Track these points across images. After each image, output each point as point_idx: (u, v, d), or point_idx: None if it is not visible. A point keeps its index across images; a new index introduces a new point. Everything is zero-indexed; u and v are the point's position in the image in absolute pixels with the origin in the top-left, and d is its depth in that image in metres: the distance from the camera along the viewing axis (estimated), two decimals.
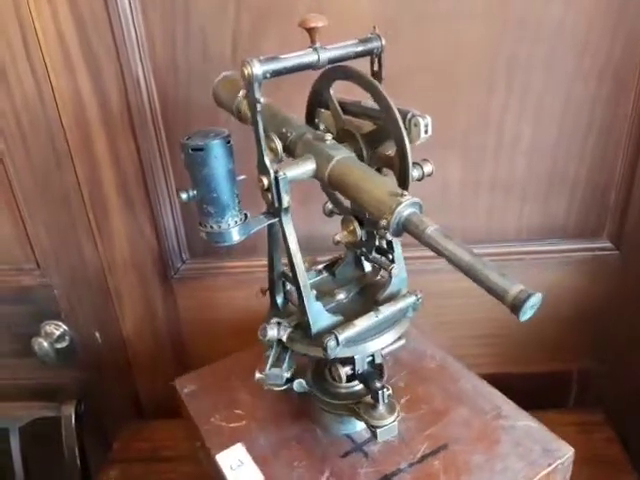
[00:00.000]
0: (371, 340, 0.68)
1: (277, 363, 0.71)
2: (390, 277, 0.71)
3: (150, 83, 0.96)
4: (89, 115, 0.97)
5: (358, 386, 0.76)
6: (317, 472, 0.72)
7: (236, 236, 0.68)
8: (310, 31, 0.62)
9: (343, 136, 0.69)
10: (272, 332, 0.70)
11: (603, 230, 1.07)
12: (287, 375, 0.71)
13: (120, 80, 0.94)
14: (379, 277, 0.77)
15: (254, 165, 0.64)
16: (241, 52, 0.92)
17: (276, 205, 0.64)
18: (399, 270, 0.72)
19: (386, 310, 0.68)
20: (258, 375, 0.71)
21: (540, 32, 0.90)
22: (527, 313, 0.47)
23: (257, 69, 0.58)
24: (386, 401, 0.69)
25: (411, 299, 0.70)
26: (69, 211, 1.05)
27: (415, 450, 0.73)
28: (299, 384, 0.74)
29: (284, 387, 0.73)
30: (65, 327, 1.17)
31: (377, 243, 0.73)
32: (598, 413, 1.13)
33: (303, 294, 0.67)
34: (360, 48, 0.65)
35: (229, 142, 0.66)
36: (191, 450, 0.85)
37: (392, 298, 0.71)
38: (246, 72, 0.58)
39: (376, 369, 0.79)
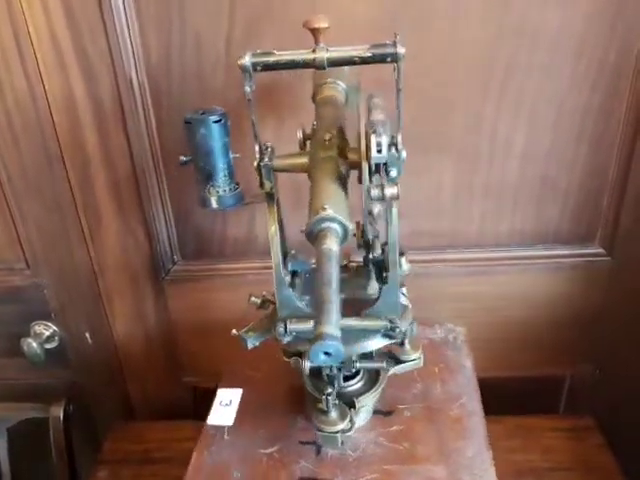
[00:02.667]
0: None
1: (254, 329, 0.74)
2: (379, 297, 0.70)
3: (143, 84, 0.95)
4: (81, 116, 0.96)
5: (350, 387, 0.76)
6: (269, 444, 0.76)
7: (214, 204, 0.78)
8: (314, 31, 0.64)
9: (356, 139, 0.69)
10: (254, 300, 0.76)
11: (595, 236, 1.08)
12: (256, 343, 0.73)
13: (113, 81, 0.93)
14: None
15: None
16: (234, 54, 0.92)
17: (259, 186, 0.69)
18: (378, 291, 0.71)
19: (348, 321, 0.67)
20: (234, 331, 0.74)
21: (536, 39, 0.91)
22: (317, 355, 0.46)
23: (246, 61, 0.63)
24: (332, 409, 0.70)
25: (381, 323, 0.68)
26: (60, 212, 1.04)
27: (360, 474, 0.71)
28: (295, 361, 0.74)
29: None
30: (55, 327, 1.16)
31: (370, 256, 0.74)
32: (588, 419, 1.13)
33: (275, 278, 0.69)
34: (368, 54, 0.63)
35: (220, 121, 0.74)
36: (182, 451, 0.85)
37: (369, 316, 0.69)
38: (238, 63, 0.63)
39: (366, 375, 0.79)
